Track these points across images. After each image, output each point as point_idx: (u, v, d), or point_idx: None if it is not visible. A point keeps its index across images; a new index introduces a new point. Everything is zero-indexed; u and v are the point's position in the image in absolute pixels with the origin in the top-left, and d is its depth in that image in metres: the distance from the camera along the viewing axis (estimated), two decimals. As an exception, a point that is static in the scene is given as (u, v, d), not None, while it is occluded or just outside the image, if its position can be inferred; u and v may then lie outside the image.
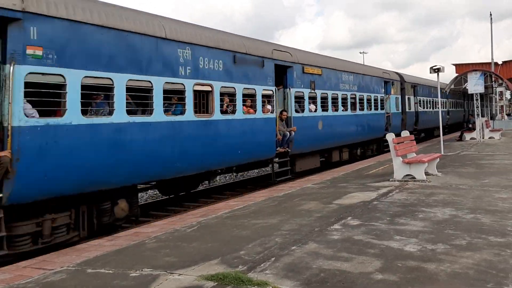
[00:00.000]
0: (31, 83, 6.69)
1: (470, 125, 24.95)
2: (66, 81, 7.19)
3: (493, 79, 25.25)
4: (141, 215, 9.78)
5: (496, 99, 34.04)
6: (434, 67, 16.38)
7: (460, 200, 8.15)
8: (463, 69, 31.77)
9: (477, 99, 22.66)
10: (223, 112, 10.93)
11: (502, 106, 34.98)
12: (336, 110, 16.36)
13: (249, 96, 11.95)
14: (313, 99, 14.94)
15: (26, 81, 6.62)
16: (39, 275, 5.13)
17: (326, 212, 7.59)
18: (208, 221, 7.49)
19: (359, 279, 4.41)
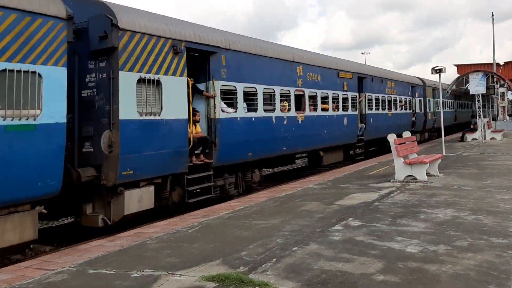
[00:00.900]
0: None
1: (472, 126, 24.94)
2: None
3: (495, 79, 25.21)
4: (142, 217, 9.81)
5: (498, 100, 33.95)
6: (435, 68, 16.36)
7: (461, 201, 8.14)
8: (465, 70, 31.73)
9: (479, 100, 22.63)
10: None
11: (503, 107, 34.89)
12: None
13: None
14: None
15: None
16: (40, 275, 5.13)
17: (327, 213, 7.59)
18: (209, 222, 7.49)
19: (360, 280, 4.41)
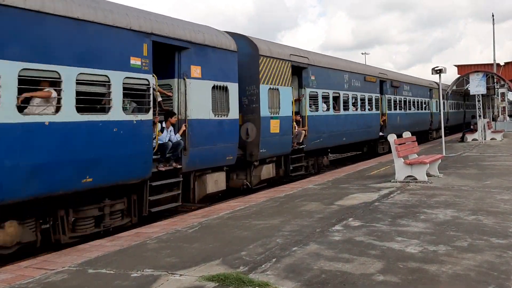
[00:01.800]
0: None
1: (472, 126, 24.94)
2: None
3: (495, 80, 25.21)
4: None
5: (498, 100, 33.96)
6: (436, 68, 16.36)
7: (461, 201, 8.14)
8: (465, 70, 31.70)
9: (479, 100, 22.62)
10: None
11: (504, 107, 34.90)
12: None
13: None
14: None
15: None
16: (40, 275, 5.13)
17: (327, 213, 7.58)
18: (209, 222, 7.49)
19: (360, 280, 4.41)
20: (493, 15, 35.36)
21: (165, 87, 9.54)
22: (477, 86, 21.83)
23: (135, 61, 8.13)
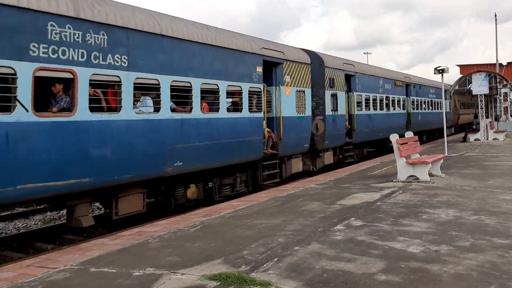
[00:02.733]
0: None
1: (474, 126, 24.90)
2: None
3: (498, 80, 25.17)
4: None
5: (500, 100, 33.86)
6: (438, 68, 16.34)
7: (464, 201, 8.13)
8: (468, 70, 31.71)
9: (481, 100, 22.58)
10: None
11: (506, 107, 34.80)
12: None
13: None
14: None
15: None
16: (42, 273, 5.14)
17: (329, 212, 7.58)
18: (211, 221, 7.49)
19: (362, 279, 4.41)
20: (495, 15, 35.44)
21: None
22: (479, 86, 21.79)
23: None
